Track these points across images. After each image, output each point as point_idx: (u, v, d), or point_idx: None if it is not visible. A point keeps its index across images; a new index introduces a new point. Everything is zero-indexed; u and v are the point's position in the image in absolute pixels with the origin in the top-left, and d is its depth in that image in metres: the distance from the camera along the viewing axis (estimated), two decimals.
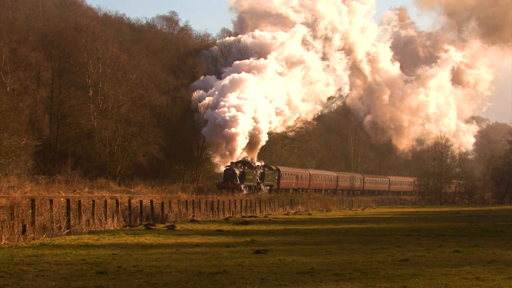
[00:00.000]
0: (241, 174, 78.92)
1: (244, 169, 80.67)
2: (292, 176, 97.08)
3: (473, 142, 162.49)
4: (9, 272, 17.79)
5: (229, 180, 77.21)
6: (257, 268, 19.18)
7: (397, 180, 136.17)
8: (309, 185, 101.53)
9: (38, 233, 28.58)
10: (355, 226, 43.18)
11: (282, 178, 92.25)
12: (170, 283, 16.26)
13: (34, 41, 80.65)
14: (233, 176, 77.46)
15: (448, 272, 18.68)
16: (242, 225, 42.41)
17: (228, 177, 77.78)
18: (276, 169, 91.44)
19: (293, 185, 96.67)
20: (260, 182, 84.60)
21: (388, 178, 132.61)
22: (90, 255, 22.47)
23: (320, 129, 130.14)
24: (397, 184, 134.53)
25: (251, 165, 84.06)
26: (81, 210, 34.43)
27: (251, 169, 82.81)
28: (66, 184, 61.17)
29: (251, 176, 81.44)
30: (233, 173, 77.74)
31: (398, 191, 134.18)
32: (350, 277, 17.42)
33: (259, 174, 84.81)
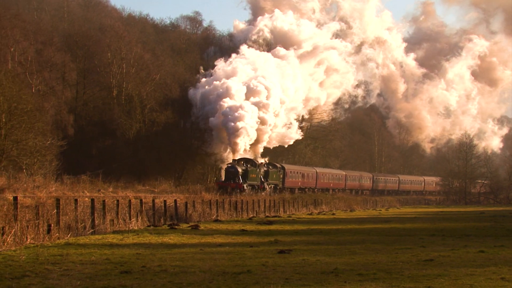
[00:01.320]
0: (244, 173, 73.41)
1: (247, 167, 75.09)
2: (298, 175, 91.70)
3: (500, 143, 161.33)
4: (34, 271, 17.88)
5: (231, 179, 71.45)
6: (281, 268, 19.16)
7: (408, 179, 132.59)
8: (316, 184, 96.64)
9: (63, 233, 28.71)
10: (379, 226, 43.07)
11: (287, 177, 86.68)
12: (194, 283, 16.27)
13: (59, 41, 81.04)
14: (235, 175, 71.86)
15: (473, 272, 18.58)
16: (265, 225, 42.37)
17: (230, 175, 72.17)
18: (281, 167, 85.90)
19: (299, 184, 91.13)
20: (264, 181, 78.70)
21: (397, 177, 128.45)
22: (115, 254, 22.54)
23: (344, 128, 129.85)
24: (407, 183, 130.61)
25: (254, 162, 78.23)
26: (106, 210, 34.56)
27: (255, 167, 77.04)
28: (91, 184, 61.44)
29: (254, 175, 75.86)
30: (235, 171, 72.09)
31: (408, 190, 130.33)
32: (374, 277, 17.37)
33: (262, 173, 79.09)
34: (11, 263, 19.48)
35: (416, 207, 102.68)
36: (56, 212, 29.24)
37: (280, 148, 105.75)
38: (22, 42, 73.39)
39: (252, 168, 75.54)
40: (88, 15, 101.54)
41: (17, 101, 64.13)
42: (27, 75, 70.97)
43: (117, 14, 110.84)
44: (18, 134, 62.44)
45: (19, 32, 73.55)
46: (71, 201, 33.64)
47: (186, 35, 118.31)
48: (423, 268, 19.44)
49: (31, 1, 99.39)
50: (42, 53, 75.62)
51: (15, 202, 27.12)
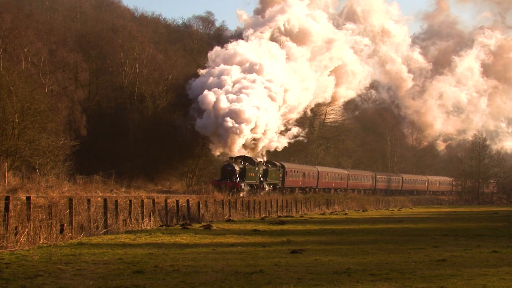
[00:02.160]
0: (241, 171, 69.71)
1: (245, 165, 71.18)
2: (299, 174, 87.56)
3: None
4: (47, 271, 17.93)
5: (228, 178, 68.00)
6: (293, 268, 19.16)
7: (412, 178, 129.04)
8: (318, 184, 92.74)
9: (76, 233, 28.77)
10: (391, 226, 43.02)
11: (287, 176, 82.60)
12: (206, 283, 16.29)
13: (72, 42, 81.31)
14: (232, 173, 68.27)
15: (486, 272, 18.54)
16: (278, 225, 42.36)
17: (227, 174, 68.60)
18: (280, 166, 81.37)
19: (300, 184, 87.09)
20: (263, 180, 75.14)
21: (401, 176, 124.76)
22: (127, 254, 22.58)
23: (356, 128, 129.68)
24: (410, 183, 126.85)
25: (252, 160, 73.66)
26: (118, 209, 34.63)
27: (253, 165, 72.86)
28: (103, 184, 61.58)
29: (252, 173, 72.11)
30: (232, 169, 68.42)
31: (412, 190, 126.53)
32: (387, 277, 17.35)
33: (261, 171, 75.19)
34: (24, 262, 19.54)
35: (429, 207, 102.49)
36: (69, 212, 29.32)
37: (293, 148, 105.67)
38: (36, 43, 73.67)
39: (250, 167, 72.01)
40: (101, 15, 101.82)
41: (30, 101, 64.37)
42: (40, 76, 71.22)
43: (130, 15, 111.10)
44: (31, 134, 62.67)
45: (32, 32, 73.83)
46: (83, 201, 33.72)
47: (199, 35, 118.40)
48: (436, 268, 19.41)
49: (44, 1, 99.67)
50: (55, 54, 75.90)
51: (28, 202, 27.19)
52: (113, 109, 78.10)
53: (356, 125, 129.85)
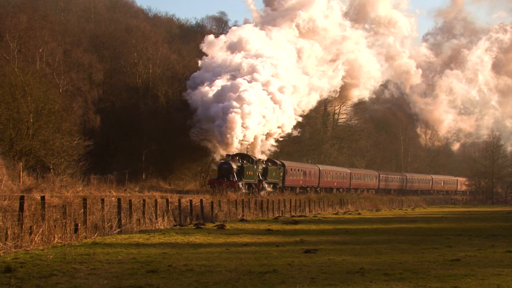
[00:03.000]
0: (239, 169, 66.22)
1: (243, 163, 67.47)
2: (299, 173, 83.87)
3: None
4: (62, 270, 17.98)
5: (224, 176, 64.55)
6: (307, 268, 19.14)
7: (416, 178, 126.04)
8: (319, 183, 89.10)
9: (90, 232, 28.84)
10: (405, 226, 42.94)
11: (288, 175, 79.02)
12: (220, 282, 16.29)
13: (86, 42, 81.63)
14: (229, 172, 64.86)
15: (500, 272, 18.46)
16: (291, 225, 42.35)
17: (223, 172, 65.10)
18: (281, 164, 77.46)
19: (301, 183, 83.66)
20: (262, 179, 71.30)
21: (404, 176, 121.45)
22: (141, 254, 22.62)
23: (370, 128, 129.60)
24: (415, 182, 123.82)
25: (251, 158, 70.06)
26: (132, 209, 34.68)
27: (251, 163, 69.22)
28: (117, 184, 61.71)
29: (251, 172, 68.33)
30: (229, 167, 64.95)
31: (416, 189, 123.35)
32: (401, 277, 17.30)
33: (261, 170, 71.24)
34: (39, 262, 19.60)
35: (443, 207, 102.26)
36: (83, 212, 29.38)
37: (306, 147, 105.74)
38: (50, 43, 73.98)
39: (248, 165, 68.19)
40: (115, 16, 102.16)
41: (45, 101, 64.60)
42: (54, 76, 71.50)
43: (143, 15, 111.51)
44: (45, 134, 62.88)
45: (47, 33, 74.16)
46: (97, 200, 33.77)
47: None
48: (449, 268, 19.35)
49: (59, 2, 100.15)
50: (69, 54, 76.19)
51: (43, 201, 27.26)
52: (127, 109, 78.22)
53: (369, 125, 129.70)
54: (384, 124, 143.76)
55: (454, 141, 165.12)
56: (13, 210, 24.90)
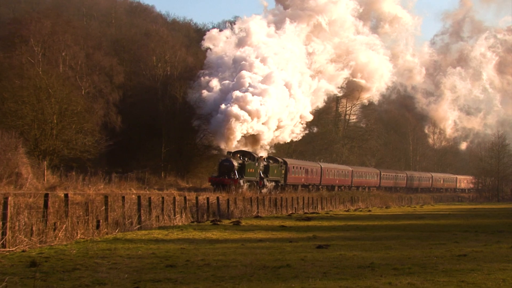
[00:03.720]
0: (240, 167, 64.09)
1: (244, 160, 65.40)
2: (301, 170, 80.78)
3: None
4: (84, 264, 18.04)
5: (225, 174, 62.47)
6: (319, 263, 19.13)
7: (416, 176, 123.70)
8: (321, 181, 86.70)
9: (111, 228, 28.90)
10: (413, 222, 42.81)
11: (290, 173, 76.26)
12: (236, 276, 16.30)
13: (107, 46, 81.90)
14: (230, 169, 62.72)
15: (505, 267, 18.39)
16: (304, 221, 42.28)
17: (224, 170, 62.94)
18: (282, 162, 74.82)
19: (302, 181, 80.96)
20: (264, 177, 69.00)
21: (405, 174, 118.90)
22: (160, 249, 22.64)
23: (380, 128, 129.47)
24: (415, 180, 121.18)
25: (252, 156, 67.99)
26: (151, 206, 34.72)
27: (253, 160, 66.99)
28: (137, 182, 61.88)
29: (252, 169, 65.99)
30: (230, 165, 62.86)
31: (416, 187, 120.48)
32: (409, 272, 17.27)
33: (262, 167, 69.01)
34: (62, 256, 19.66)
35: (450, 204, 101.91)
36: (104, 209, 29.45)
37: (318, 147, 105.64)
38: (73, 47, 74.22)
39: (249, 162, 66.04)
40: (135, 20, 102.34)
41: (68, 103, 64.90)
42: (77, 78, 71.78)
43: (162, 20, 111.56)
44: (68, 134, 63.17)
45: (70, 37, 74.41)
46: (118, 198, 33.85)
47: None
48: (456, 263, 19.29)
49: (81, 8, 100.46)
50: (91, 57, 76.42)
51: (66, 199, 27.36)
52: (146, 109, 78.36)
53: (379, 125, 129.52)
54: (393, 125, 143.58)
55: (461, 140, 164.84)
56: (38, 207, 25.00)
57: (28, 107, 63.49)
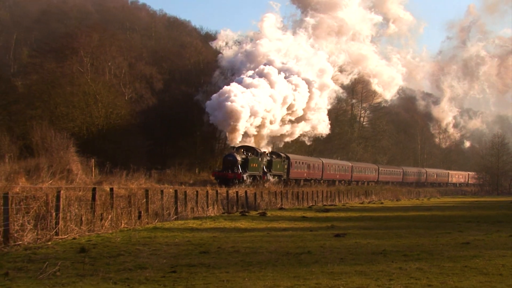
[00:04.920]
0: (244, 162, 60.32)
1: (247, 155, 61.52)
2: (304, 165, 76.19)
3: None
4: (127, 251, 18.11)
5: (229, 169, 58.57)
6: (337, 249, 19.08)
7: (411, 171, 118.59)
8: (322, 176, 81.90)
9: (151, 218, 29.00)
10: (422, 214, 42.60)
11: (292, 167, 71.93)
12: (262, 262, 16.30)
13: (147, 56, 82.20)
14: (233, 164, 58.91)
15: (505, 254, 18.27)
16: (323, 212, 42.23)
17: (228, 164, 59.01)
18: (285, 157, 70.70)
19: (305, 175, 76.38)
20: (267, 171, 64.89)
21: (401, 169, 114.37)
22: (195, 237, 22.68)
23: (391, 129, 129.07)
24: (410, 175, 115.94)
25: (256, 151, 63.87)
26: (187, 199, 34.80)
27: (256, 155, 62.98)
28: (174, 177, 61.95)
29: (255, 164, 62.00)
30: (233, 159, 59.01)
31: (411, 181, 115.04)
32: (418, 258, 17.19)
33: (265, 162, 64.87)
34: (108, 244, 19.76)
35: (454, 197, 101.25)
36: (145, 201, 29.56)
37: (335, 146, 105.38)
38: (117, 58, 74.65)
39: (253, 157, 62.05)
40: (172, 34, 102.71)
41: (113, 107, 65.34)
42: (121, 85, 72.21)
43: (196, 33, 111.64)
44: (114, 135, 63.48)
45: (115, 49, 74.85)
46: (158, 191, 33.92)
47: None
48: (460, 250, 19.18)
49: (125, 23, 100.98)
50: (133, 67, 76.79)
51: (111, 192, 27.48)
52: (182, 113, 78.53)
53: (390, 126, 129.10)
54: (403, 126, 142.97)
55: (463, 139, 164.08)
56: (87, 199, 25.13)
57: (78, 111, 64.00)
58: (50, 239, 19.99)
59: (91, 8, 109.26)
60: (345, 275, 13.98)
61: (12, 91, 65.64)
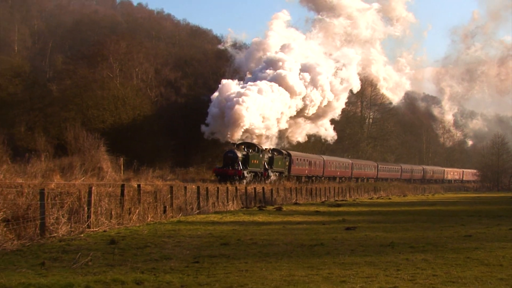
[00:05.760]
0: (244, 158, 56.21)
1: (248, 152, 57.48)
2: (305, 162, 71.89)
3: None
4: (154, 242, 18.17)
5: (229, 165, 54.66)
6: (348, 242, 19.04)
7: (409, 168, 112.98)
8: (323, 173, 77.71)
9: (175, 212, 29.07)
10: (427, 208, 42.42)
11: (294, 164, 67.67)
12: (278, 253, 16.30)
13: (172, 63, 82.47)
14: (234, 160, 54.84)
15: (504, 246, 18.16)
16: (335, 207, 42.17)
17: (228, 161, 54.98)
18: (286, 154, 66.46)
19: (306, 172, 71.96)
20: (268, 168, 60.88)
21: (400, 166, 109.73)
22: (216, 230, 22.71)
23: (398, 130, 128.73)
24: (408, 172, 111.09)
25: (257, 147, 59.87)
26: (208, 195, 34.87)
27: (257, 152, 58.95)
28: (197, 175, 62.01)
29: (256, 160, 57.93)
30: (234, 156, 54.88)
31: (409, 178, 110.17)
32: (423, 249, 17.12)
33: (266, 159, 60.85)
34: (136, 236, 19.83)
35: (457, 193, 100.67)
36: (170, 197, 29.64)
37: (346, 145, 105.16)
38: (144, 64, 74.98)
39: (254, 154, 58.03)
40: (195, 41, 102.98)
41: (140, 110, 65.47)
42: (147, 89, 72.50)
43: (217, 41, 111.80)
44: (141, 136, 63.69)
45: (142, 56, 75.20)
46: (181, 188, 34.00)
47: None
48: (463, 242, 19.09)
49: (151, 31, 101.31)
50: (159, 72, 77.12)
51: (139, 188, 27.57)
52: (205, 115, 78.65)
53: (397, 127, 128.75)
54: (409, 126, 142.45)
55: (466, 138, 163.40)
56: (116, 195, 25.23)
57: (108, 113, 64.31)
58: (83, 231, 20.10)
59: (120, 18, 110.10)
60: (356, 266, 13.96)
61: (48, 95, 66.09)
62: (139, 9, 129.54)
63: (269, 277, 12.37)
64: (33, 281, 11.23)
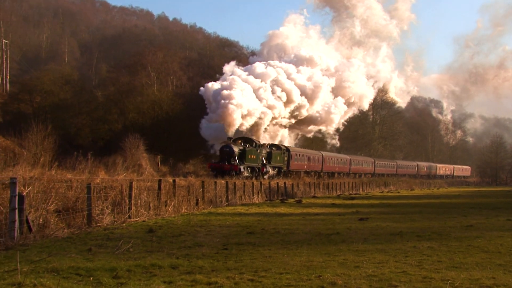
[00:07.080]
0: (241, 153, 50.49)
1: (245, 146, 51.73)
2: (304, 158, 65.78)
3: None
4: (187, 231, 18.23)
5: (226, 160, 48.99)
6: (361, 231, 18.97)
7: (404, 164, 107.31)
8: (322, 168, 71.47)
9: (206, 205, 29.14)
10: (432, 201, 42.12)
11: (292, 160, 61.67)
12: (298, 241, 16.28)
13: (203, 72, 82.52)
14: (230, 155, 49.16)
15: (502, 235, 18.00)
16: (349, 200, 42.04)
17: (225, 155, 49.23)
18: (285, 149, 60.56)
19: (305, 168, 66.11)
20: (266, 163, 54.93)
21: (395, 162, 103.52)
22: (243, 220, 22.74)
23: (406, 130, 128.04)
24: (403, 168, 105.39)
25: (254, 142, 53.86)
26: (236, 189, 34.92)
27: (254, 147, 52.97)
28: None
29: (253, 155, 52.03)
30: (230, 151, 49.18)
31: (404, 174, 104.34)
32: (429, 238, 17.01)
33: (264, 154, 54.79)
34: (171, 225, 19.92)
35: (460, 187, 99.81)
36: (201, 190, 29.72)
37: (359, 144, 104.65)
38: (178, 72, 75.32)
39: (251, 148, 52.23)
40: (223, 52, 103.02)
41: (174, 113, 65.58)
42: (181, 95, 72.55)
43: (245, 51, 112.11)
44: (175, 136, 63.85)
45: (176, 65, 75.54)
46: (212, 183, 34.06)
47: None
48: (465, 231, 18.93)
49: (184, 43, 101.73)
50: (191, 80, 77.22)
51: (174, 183, 27.69)
52: None
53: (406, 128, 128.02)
54: (416, 127, 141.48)
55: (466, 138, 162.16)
56: (154, 189, 25.35)
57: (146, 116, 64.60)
58: (124, 221, 20.23)
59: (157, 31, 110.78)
60: (368, 253, 13.91)
61: (94, 100, 66.62)
62: (175, 23, 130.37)
63: (290, 262, 12.37)
64: (81, 265, 11.34)
